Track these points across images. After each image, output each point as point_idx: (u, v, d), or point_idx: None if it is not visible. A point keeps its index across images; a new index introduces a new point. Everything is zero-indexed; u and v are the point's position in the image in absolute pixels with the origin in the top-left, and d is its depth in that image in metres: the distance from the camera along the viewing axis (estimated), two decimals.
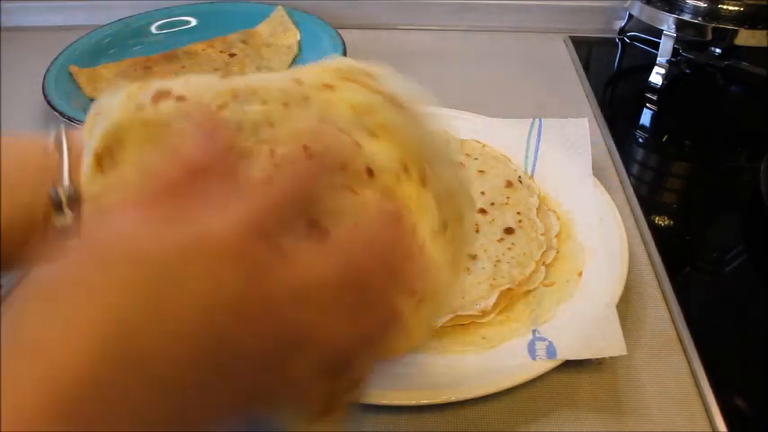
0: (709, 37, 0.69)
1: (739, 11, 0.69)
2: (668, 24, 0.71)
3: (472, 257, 0.47)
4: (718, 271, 0.52)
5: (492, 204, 0.52)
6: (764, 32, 0.67)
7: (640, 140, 0.67)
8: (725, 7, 0.69)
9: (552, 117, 0.59)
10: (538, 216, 0.50)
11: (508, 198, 0.52)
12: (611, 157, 0.62)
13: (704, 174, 0.63)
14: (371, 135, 0.30)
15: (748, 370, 0.42)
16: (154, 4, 0.79)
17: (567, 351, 0.39)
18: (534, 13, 0.86)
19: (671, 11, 0.71)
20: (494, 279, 0.45)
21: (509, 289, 0.44)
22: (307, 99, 0.29)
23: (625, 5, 0.79)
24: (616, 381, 0.40)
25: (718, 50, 0.76)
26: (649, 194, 0.58)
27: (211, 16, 0.79)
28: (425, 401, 0.37)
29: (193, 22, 0.79)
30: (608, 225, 0.48)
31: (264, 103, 0.28)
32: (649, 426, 0.38)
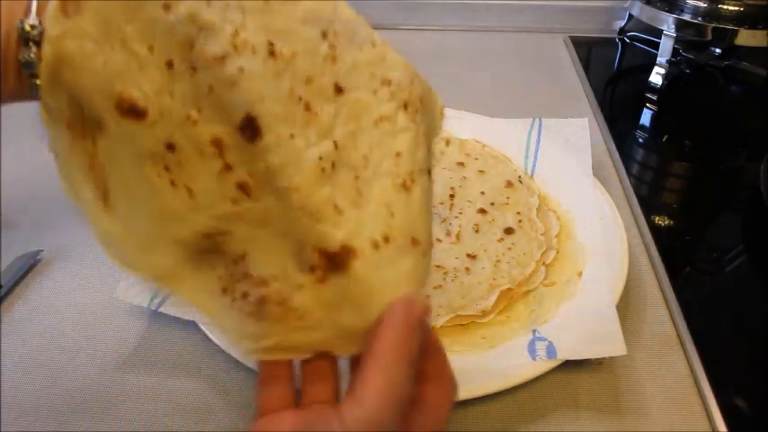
0: (709, 37, 0.69)
1: (739, 11, 0.69)
2: (668, 24, 0.71)
3: (472, 257, 0.47)
4: (718, 271, 0.52)
5: (492, 204, 0.52)
6: (764, 32, 0.67)
7: (640, 140, 0.67)
8: (725, 7, 0.69)
9: (552, 117, 0.59)
10: (538, 216, 0.50)
11: (508, 198, 0.52)
12: (611, 157, 0.62)
13: (704, 174, 0.63)
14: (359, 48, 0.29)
15: (748, 370, 0.42)
16: None
17: (567, 351, 0.39)
18: (534, 13, 0.87)
19: (671, 11, 0.71)
20: (494, 279, 0.45)
21: (509, 289, 0.44)
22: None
23: (625, 5, 0.79)
24: (616, 381, 0.40)
25: (718, 50, 0.77)
26: (649, 194, 0.58)
27: None
28: None
29: None
30: (608, 225, 0.48)
31: None
32: (649, 426, 0.38)
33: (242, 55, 0.26)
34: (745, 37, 0.68)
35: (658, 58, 0.73)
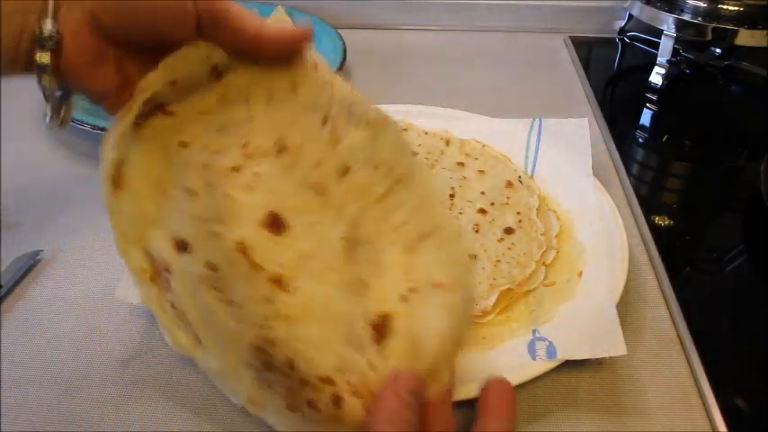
0: (709, 37, 0.69)
1: (739, 11, 0.69)
2: (668, 24, 0.71)
3: (472, 257, 0.47)
4: (717, 271, 0.52)
5: (492, 204, 0.52)
6: (764, 32, 0.67)
7: (640, 140, 0.67)
8: (725, 7, 0.69)
9: (552, 117, 0.59)
10: (538, 216, 0.50)
11: (508, 198, 0.52)
12: (611, 157, 0.62)
13: (704, 174, 0.63)
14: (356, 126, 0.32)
15: (748, 370, 0.42)
16: None
17: (567, 351, 0.39)
18: (534, 13, 0.87)
19: (671, 11, 0.71)
20: (494, 279, 0.45)
21: (509, 289, 0.44)
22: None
23: (625, 5, 0.79)
24: (616, 381, 0.40)
25: (718, 50, 0.77)
26: (649, 194, 0.58)
27: None
28: None
29: None
30: (608, 225, 0.48)
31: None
32: (649, 426, 0.38)
33: (254, 160, 0.29)
34: (745, 37, 0.68)
35: (658, 58, 0.73)
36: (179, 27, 0.29)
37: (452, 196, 0.52)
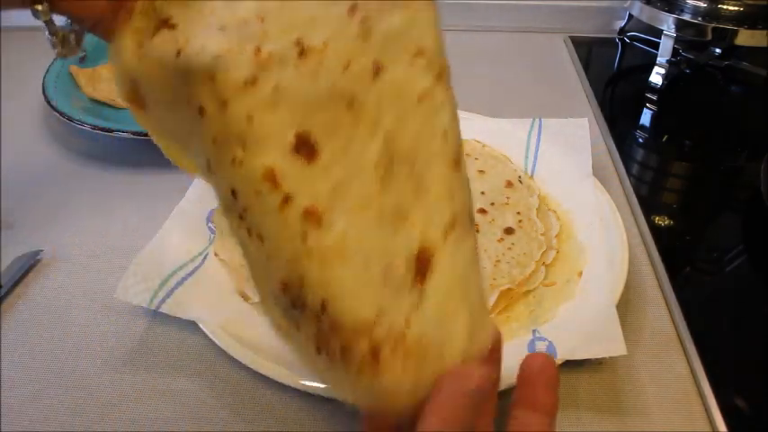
0: (709, 37, 0.69)
1: (739, 11, 0.69)
2: (668, 24, 0.71)
3: None
4: (717, 271, 0.52)
5: (492, 204, 0.52)
6: (764, 32, 0.67)
7: (640, 140, 0.67)
8: (725, 7, 0.69)
9: (552, 117, 0.59)
10: (538, 216, 0.50)
11: (508, 198, 0.52)
12: (611, 157, 0.62)
13: (704, 174, 0.63)
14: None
15: (748, 370, 0.42)
16: None
17: (568, 351, 0.39)
18: (534, 13, 0.87)
19: (671, 11, 0.71)
20: (494, 279, 0.45)
21: (509, 289, 0.44)
22: None
23: (625, 5, 0.79)
24: (616, 381, 0.40)
25: (718, 50, 0.77)
26: (649, 194, 0.58)
27: None
28: None
29: None
30: (608, 225, 0.48)
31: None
32: (649, 426, 0.38)
33: (272, 70, 0.24)
34: (745, 37, 0.68)
35: (658, 58, 0.73)
36: None
37: None
